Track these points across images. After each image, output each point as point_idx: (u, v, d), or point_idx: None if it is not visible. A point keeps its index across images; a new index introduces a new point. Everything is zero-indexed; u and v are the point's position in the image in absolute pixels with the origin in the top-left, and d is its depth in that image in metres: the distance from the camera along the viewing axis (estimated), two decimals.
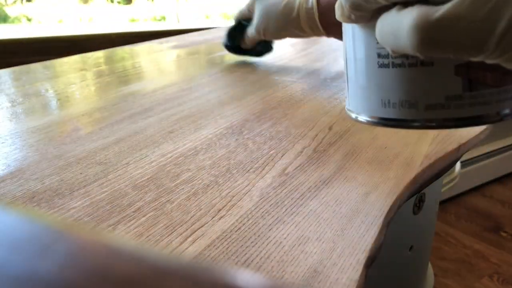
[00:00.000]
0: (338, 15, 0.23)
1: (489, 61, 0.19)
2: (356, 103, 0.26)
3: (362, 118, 0.26)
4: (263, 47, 0.67)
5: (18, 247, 0.10)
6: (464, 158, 1.79)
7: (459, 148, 0.40)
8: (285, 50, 0.82)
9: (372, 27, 0.22)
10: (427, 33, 0.18)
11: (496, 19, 0.17)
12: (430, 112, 0.22)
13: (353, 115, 0.26)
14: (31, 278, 0.09)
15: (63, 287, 0.09)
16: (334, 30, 0.55)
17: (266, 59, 0.76)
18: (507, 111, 0.23)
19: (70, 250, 0.10)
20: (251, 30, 0.63)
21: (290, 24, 0.58)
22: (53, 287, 0.09)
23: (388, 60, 0.23)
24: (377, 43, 0.22)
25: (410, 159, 0.37)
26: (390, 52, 0.22)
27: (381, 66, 0.23)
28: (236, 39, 0.66)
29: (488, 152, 1.88)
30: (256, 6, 0.62)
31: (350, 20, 0.23)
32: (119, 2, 1.55)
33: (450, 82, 0.22)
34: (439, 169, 0.38)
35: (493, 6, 0.17)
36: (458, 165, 1.35)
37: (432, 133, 0.43)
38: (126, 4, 1.58)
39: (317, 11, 0.54)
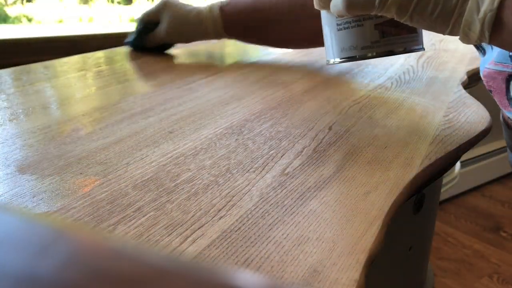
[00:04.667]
0: (315, 5, 0.42)
1: (380, 14, 0.38)
2: (330, 53, 0.44)
3: (336, 60, 0.44)
4: (165, 45, 0.77)
5: (18, 247, 0.10)
6: (464, 158, 1.79)
7: (459, 148, 0.40)
8: (285, 50, 0.82)
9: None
10: (348, 1, 0.38)
11: None
12: (364, 50, 0.42)
13: (331, 61, 0.44)
14: (31, 278, 0.09)
15: (63, 287, 0.09)
16: (235, 34, 0.73)
17: (266, 59, 0.76)
18: (410, 48, 0.42)
19: (70, 250, 0.10)
20: (160, 34, 0.74)
21: (198, 33, 0.72)
22: (53, 287, 0.09)
23: (341, 26, 0.42)
24: (336, 17, 0.42)
25: (410, 159, 0.37)
26: (337, 16, 0.41)
27: (339, 29, 0.42)
28: (142, 39, 0.75)
29: (488, 152, 1.88)
30: (165, 13, 0.73)
31: (321, 6, 0.42)
32: (119, 2, 1.55)
33: (372, 34, 0.41)
34: (439, 169, 0.38)
35: None
36: (458, 165, 1.35)
37: (432, 133, 0.43)
38: (126, 4, 1.58)
39: (222, 23, 0.71)
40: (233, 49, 0.86)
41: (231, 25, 0.71)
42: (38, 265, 0.10)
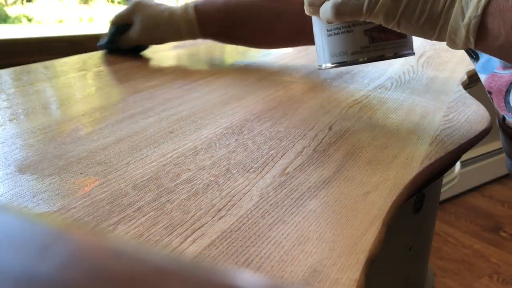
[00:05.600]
0: (306, 12, 0.43)
1: (368, 20, 0.38)
2: (321, 58, 0.45)
3: (327, 65, 0.45)
4: (139, 46, 0.77)
5: (18, 247, 0.10)
6: (464, 158, 1.79)
7: (459, 148, 0.40)
8: (285, 50, 0.82)
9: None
10: (336, 8, 0.39)
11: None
12: (354, 56, 0.43)
13: (323, 66, 0.45)
14: (31, 278, 0.09)
15: (63, 287, 0.09)
16: (210, 34, 0.71)
17: (266, 59, 0.76)
18: (400, 52, 0.43)
19: (70, 250, 0.10)
20: (132, 35, 0.72)
21: (172, 34, 0.71)
22: (53, 287, 0.09)
23: (331, 32, 0.43)
24: (326, 23, 0.42)
25: (410, 159, 0.37)
26: (327, 23, 0.42)
27: (329, 35, 0.43)
28: (115, 41, 0.75)
29: (488, 152, 1.89)
30: (137, 14, 0.71)
31: (311, 13, 0.42)
32: (119, 2, 1.55)
33: (362, 39, 0.42)
34: (439, 169, 0.38)
35: None
36: (458, 165, 1.35)
37: (432, 133, 0.43)
38: (126, 4, 1.58)
39: (197, 23, 0.69)
40: (232, 49, 0.86)
41: (207, 24, 0.70)
42: (38, 265, 0.10)
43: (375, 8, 0.37)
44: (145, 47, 0.78)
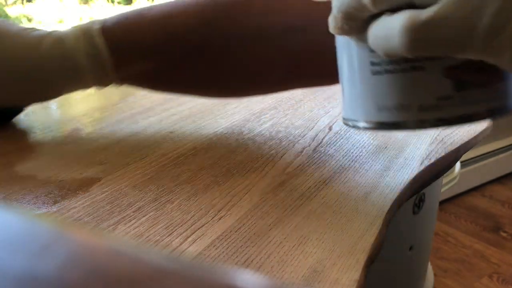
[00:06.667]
0: (332, 28, 0.24)
1: (474, 57, 0.20)
2: (353, 111, 0.26)
3: (360, 124, 0.26)
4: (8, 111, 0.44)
5: (18, 247, 0.10)
6: (464, 158, 1.79)
7: (459, 148, 0.40)
8: None
9: (364, 37, 0.23)
10: (417, 33, 0.20)
11: (479, 16, 0.18)
12: (423, 113, 0.23)
13: (351, 123, 0.27)
14: (31, 278, 0.09)
15: (63, 287, 0.09)
16: (134, 74, 0.39)
17: None
18: (497, 108, 0.24)
19: (70, 250, 0.10)
20: None
21: (61, 82, 0.39)
22: (53, 287, 0.09)
23: (381, 68, 0.24)
24: (370, 51, 0.24)
25: (410, 159, 0.37)
26: (382, 56, 0.23)
27: (375, 73, 0.24)
28: None
29: (488, 152, 1.88)
30: None
31: (343, 31, 0.23)
32: (119, 2, 1.55)
33: (441, 84, 0.23)
34: (439, 169, 0.38)
35: (476, 5, 0.19)
36: (458, 165, 1.35)
37: (432, 133, 0.43)
38: (126, 4, 1.58)
39: (110, 55, 0.37)
40: None
41: (129, 58, 0.38)
42: (38, 265, 0.10)
43: (497, 37, 0.19)
44: (16, 111, 0.44)
